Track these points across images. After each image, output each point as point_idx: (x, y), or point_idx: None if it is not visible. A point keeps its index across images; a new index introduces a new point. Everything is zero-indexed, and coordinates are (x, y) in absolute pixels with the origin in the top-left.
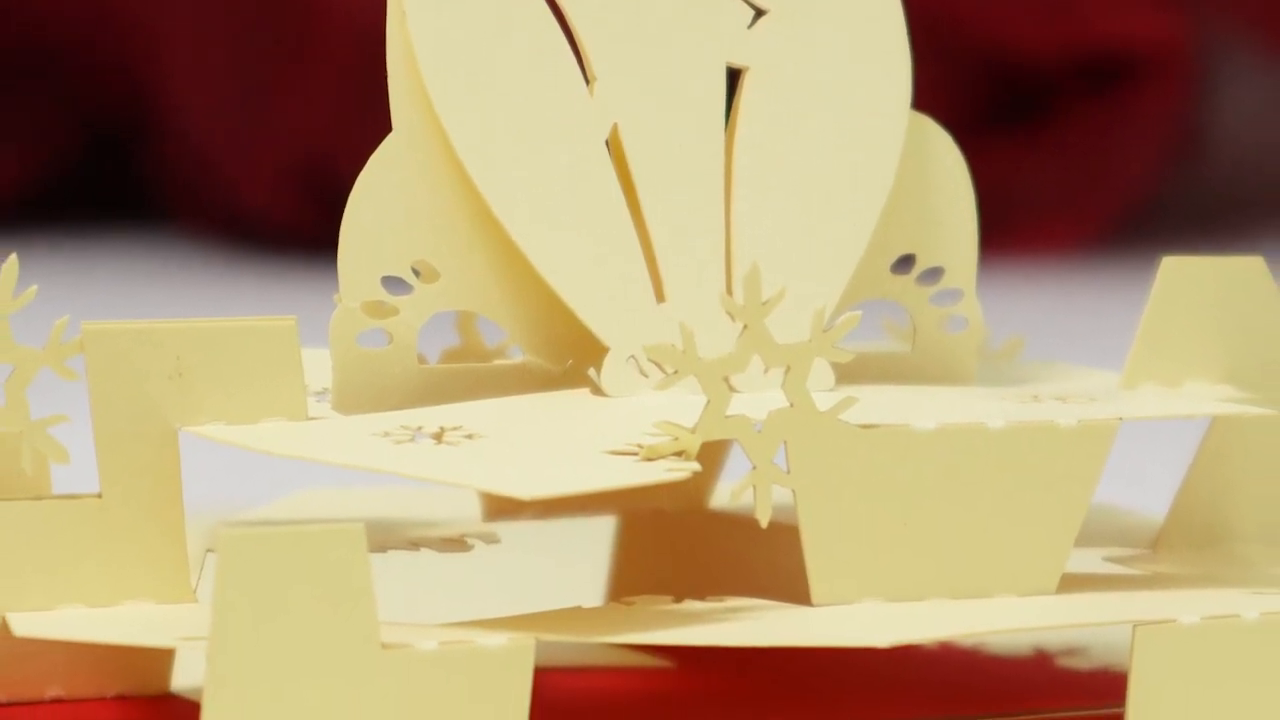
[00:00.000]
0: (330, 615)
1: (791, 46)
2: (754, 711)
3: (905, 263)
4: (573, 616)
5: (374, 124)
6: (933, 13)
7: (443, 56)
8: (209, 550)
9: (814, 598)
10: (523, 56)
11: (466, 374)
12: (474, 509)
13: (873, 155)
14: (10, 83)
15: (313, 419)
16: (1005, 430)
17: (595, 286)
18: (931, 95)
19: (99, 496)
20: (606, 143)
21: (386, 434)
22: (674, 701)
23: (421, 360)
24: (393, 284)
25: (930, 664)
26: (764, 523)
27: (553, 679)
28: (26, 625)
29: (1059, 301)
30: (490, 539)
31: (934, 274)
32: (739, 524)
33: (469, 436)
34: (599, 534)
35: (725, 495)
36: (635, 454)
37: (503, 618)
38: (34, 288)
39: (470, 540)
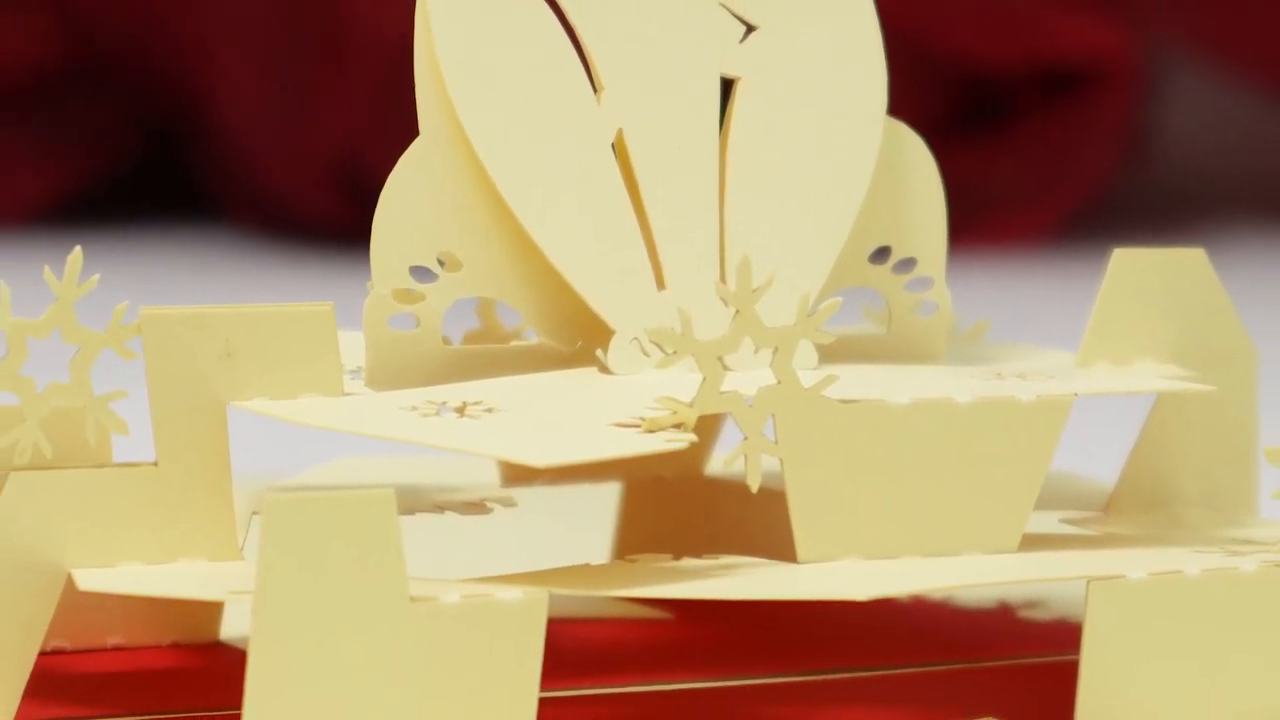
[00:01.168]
0: (363, 571)
1: (779, 59)
2: (745, 658)
3: (882, 253)
4: (582, 572)
5: (403, 128)
6: (906, 28)
7: (465, 67)
8: (254, 513)
9: (799, 555)
10: (537, 67)
11: (486, 354)
12: (493, 476)
13: (852, 156)
14: (75, 91)
15: (348, 395)
16: (971, 404)
17: (602, 275)
18: (905, 102)
19: (155, 465)
20: (612, 145)
21: (414, 408)
22: (673, 649)
23: (446, 342)
24: (420, 273)
25: (904, 615)
26: (754, 488)
27: (564, 629)
28: (90, 581)
29: (1020, 289)
30: (508, 503)
31: (907, 263)
32: (732, 489)
33: (488, 410)
34: (605, 498)
35: (719, 463)
36: (638, 426)
37: (518, 574)
38: (96, 276)
39: (489, 504)
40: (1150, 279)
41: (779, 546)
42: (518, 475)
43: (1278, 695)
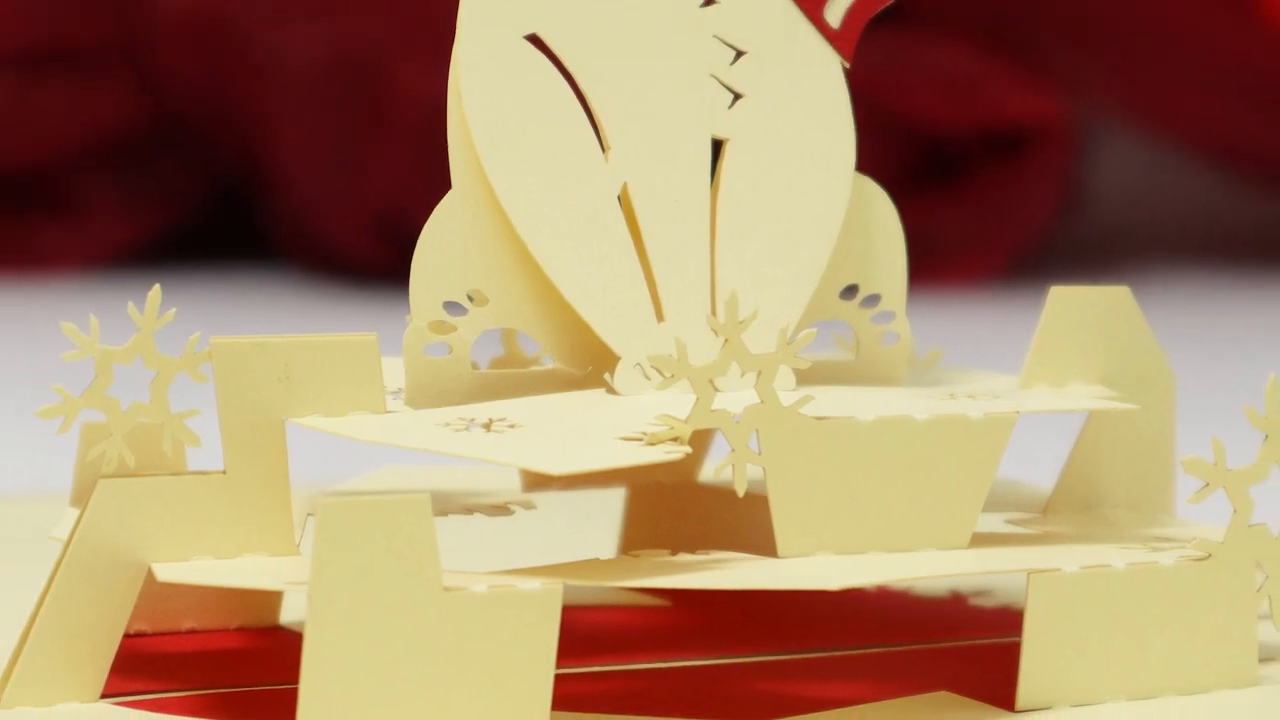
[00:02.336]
0: (403, 564)
1: (762, 123)
2: (733, 640)
3: (850, 290)
4: (592, 566)
5: (437, 182)
6: (873, 95)
7: (491, 130)
8: (309, 514)
9: (780, 551)
10: (553, 130)
11: (509, 377)
12: (515, 482)
13: (825, 207)
14: (156, 150)
15: (390, 413)
16: (928, 421)
17: (609, 309)
18: (871, 160)
19: (223, 473)
20: (618, 197)
21: (447, 424)
22: (671, 632)
23: (474, 367)
24: (452, 307)
25: (870, 603)
26: (741, 493)
27: (576, 615)
28: (167, 573)
29: (970, 321)
30: (528, 506)
31: (873, 299)
32: (722, 494)
33: (511, 426)
34: (612, 502)
35: (711, 471)
36: (640, 440)
37: (537, 567)
38: (173, 310)
39: (512, 507)
40: (1083, 312)
41: (762, 543)
42: (536, 482)
43: (1193, 672)
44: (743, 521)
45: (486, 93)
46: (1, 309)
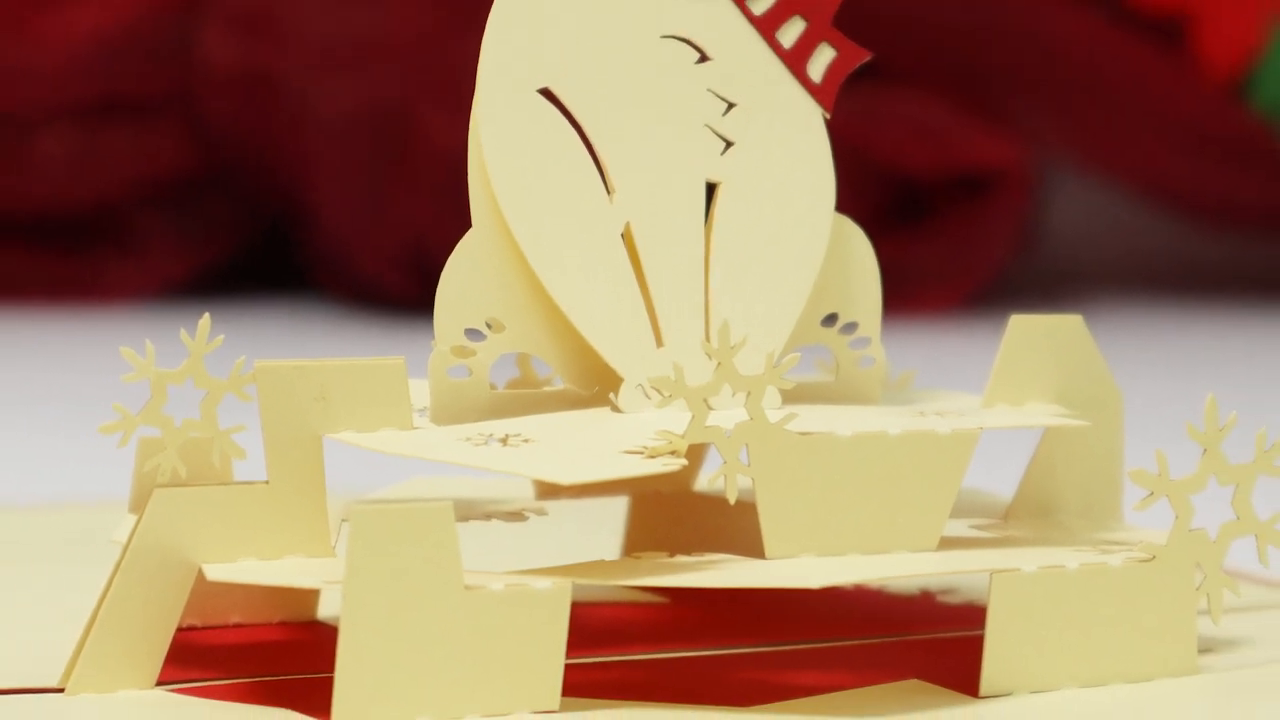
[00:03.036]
0: (428, 565)
1: (751, 168)
2: (725, 633)
3: (831, 319)
4: (598, 566)
5: (459, 221)
6: (849, 143)
7: (507, 174)
8: (344, 520)
9: (767, 553)
10: (563, 174)
11: (524, 397)
12: (529, 491)
13: (807, 243)
14: (205, 192)
15: (416, 429)
16: (900, 435)
17: (614, 335)
18: (848, 201)
19: (267, 483)
20: (622, 235)
21: (468, 439)
22: (669, 626)
23: (493, 387)
24: (472, 334)
25: (848, 599)
26: (732, 501)
27: (584, 610)
28: (216, 573)
29: (939, 347)
30: (540, 512)
31: (851, 326)
32: (715, 502)
33: (526, 441)
34: (616, 509)
35: (705, 481)
36: (642, 453)
37: (548, 567)
38: (221, 337)
39: (526, 513)
40: (1039, 339)
41: (751, 546)
42: (548, 491)
43: (1139, 662)
44: (734, 526)
45: (503, 141)
46: (68, 335)
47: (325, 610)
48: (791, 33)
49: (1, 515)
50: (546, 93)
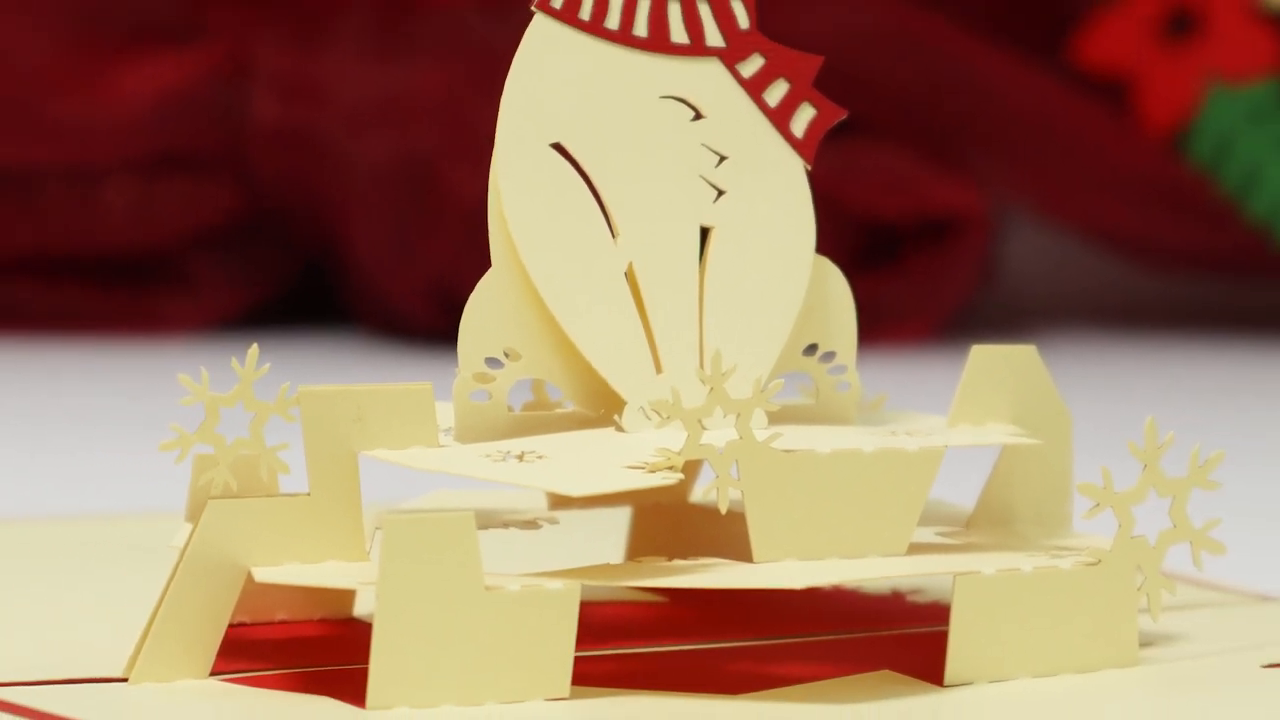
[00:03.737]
0: (452, 568)
1: (741, 214)
2: (717, 629)
3: (811, 348)
4: (604, 569)
5: (480, 261)
6: (828, 192)
7: (523, 220)
8: (377, 528)
9: (755, 558)
10: (573, 220)
11: (538, 418)
12: (542, 502)
13: (790, 281)
14: (254, 235)
15: (442, 446)
16: (874, 452)
17: (618, 363)
18: (827, 244)
19: (309, 495)
20: (625, 274)
21: (488, 456)
22: (667, 622)
23: (510, 409)
24: (491, 362)
25: (827, 598)
26: (724, 511)
27: (591, 608)
28: (264, 575)
29: (908, 373)
30: (552, 521)
31: (829, 355)
32: (709, 511)
33: (539, 457)
34: (620, 518)
35: (700, 493)
36: (643, 468)
37: (559, 570)
38: (267, 365)
39: (540, 522)
40: (997, 366)
41: (741, 551)
42: (559, 502)
43: (1087, 655)
44: (725, 534)
45: (519, 190)
46: (130, 364)
47: (360, 608)
48: (776, 93)
49: (72, 523)
50: (558, 147)
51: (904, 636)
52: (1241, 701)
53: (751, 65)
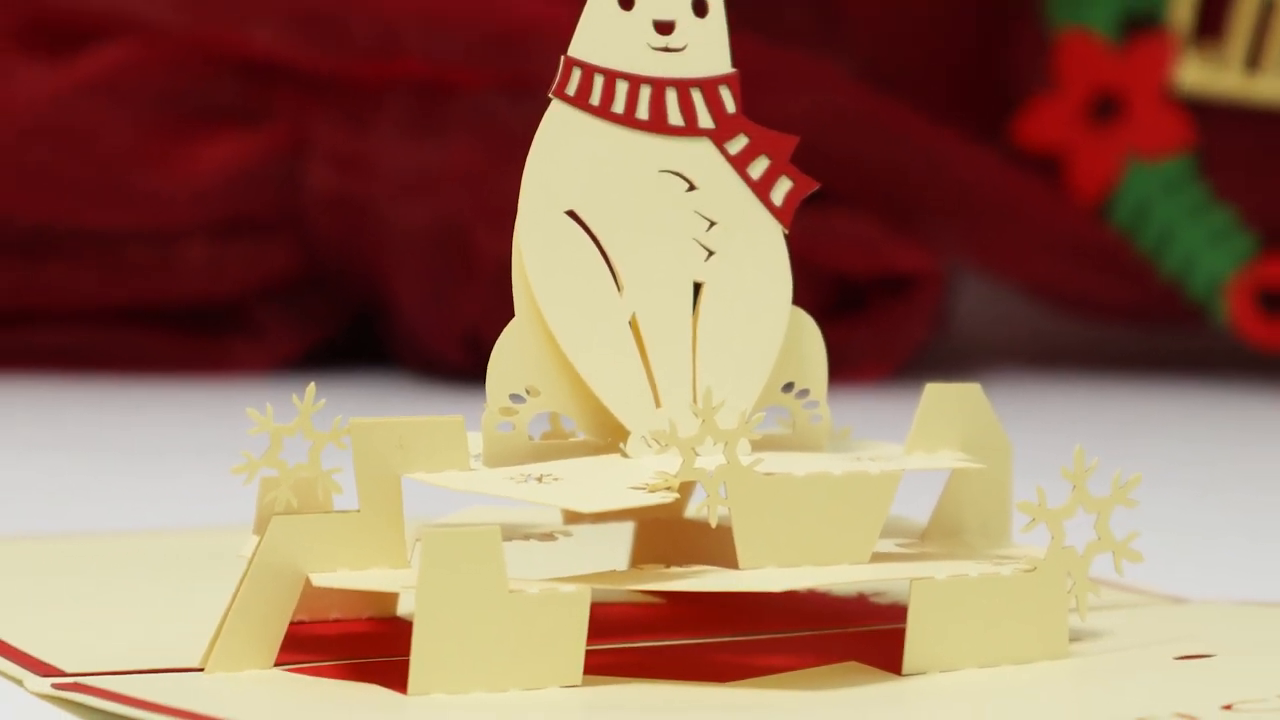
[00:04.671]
0: (481, 573)
1: (728, 272)
2: (707, 626)
3: (788, 386)
4: (610, 575)
5: (505, 312)
6: (802, 253)
7: (542, 276)
8: (417, 540)
9: (741, 565)
10: (584, 277)
11: (555, 446)
12: (557, 518)
13: (770, 328)
14: (309, 286)
15: (472, 470)
16: (842, 475)
17: (623, 399)
18: (802, 296)
19: (358, 512)
20: (629, 323)
21: (512, 478)
22: (664, 620)
23: (530, 439)
24: (515, 398)
25: (802, 600)
26: (714, 525)
27: (599, 609)
28: (321, 579)
29: (871, 408)
30: (566, 534)
31: (804, 393)
32: (701, 525)
33: (556, 479)
34: (624, 531)
35: (693, 510)
36: (644, 489)
37: (572, 576)
38: (323, 400)
39: (556, 535)
40: (948, 402)
41: (728, 559)
42: (572, 518)
43: (1024, 648)
44: (715, 545)
45: (538, 250)
46: (205, 401)
47: (403, 608)
48: (758, 168)
49: (157, 536)
50: (572, 214)
51: (868, 633)
52: (1156, 688)
53: (737, 144)
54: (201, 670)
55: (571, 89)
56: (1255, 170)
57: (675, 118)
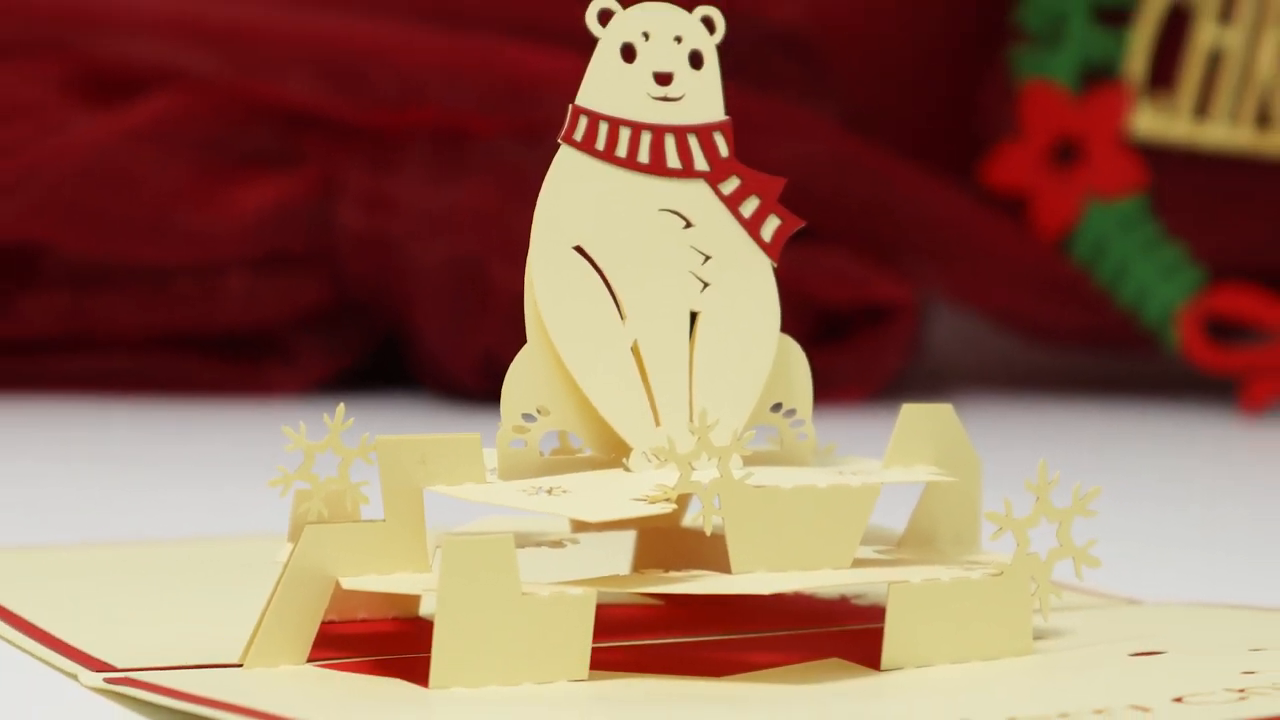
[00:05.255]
0: (495, 578)
1: (722, 302)
2: (702, 625)
3: (777, 407)
4: (614, 579)
5: (518, 339)
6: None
7: (552, 306)
8: (437, 546)
9: (733, 570)
10: (590, 307)
11: (563, 461)
12: (565, 527)
13: (760, 354)
14: (341, 317)
15: (488, 483)
16: (826, 488)
17: (626, 418)
18: (789, 325)
19: (384, 521)
20: (631, 349)
21: (524, 490)
22: (663, 620)
23: (541, 454)
24: (527, 417)
25: (788, 601)
26: (709, 533)
27: (604, 610)
28: (349, 583)
29: (853, 427)
30: (574, 541)
31: (791, 412)
32: (697, 533)
33: (564, 491)
34: (627, 539)
35: (690, 520)
36: (645, 500)
37: (579, 579)
38: (351, 420)
39: (565, 542)
40: (922, 421)
41: (722, 565)
42: (580, 527)
43: (991, 645)
44: (710, 551)
45: (549, 282)
46: (244, 420)
47: (424, 609)
48: (749, 207)
49: (201, 544)
50: (579, 249)
51: (849, 632)
52: (1113, 682)
53: (730, 185)
54: (241, 666)
55: (579, 135)
56: (1203, 210)
57: (673, 161)
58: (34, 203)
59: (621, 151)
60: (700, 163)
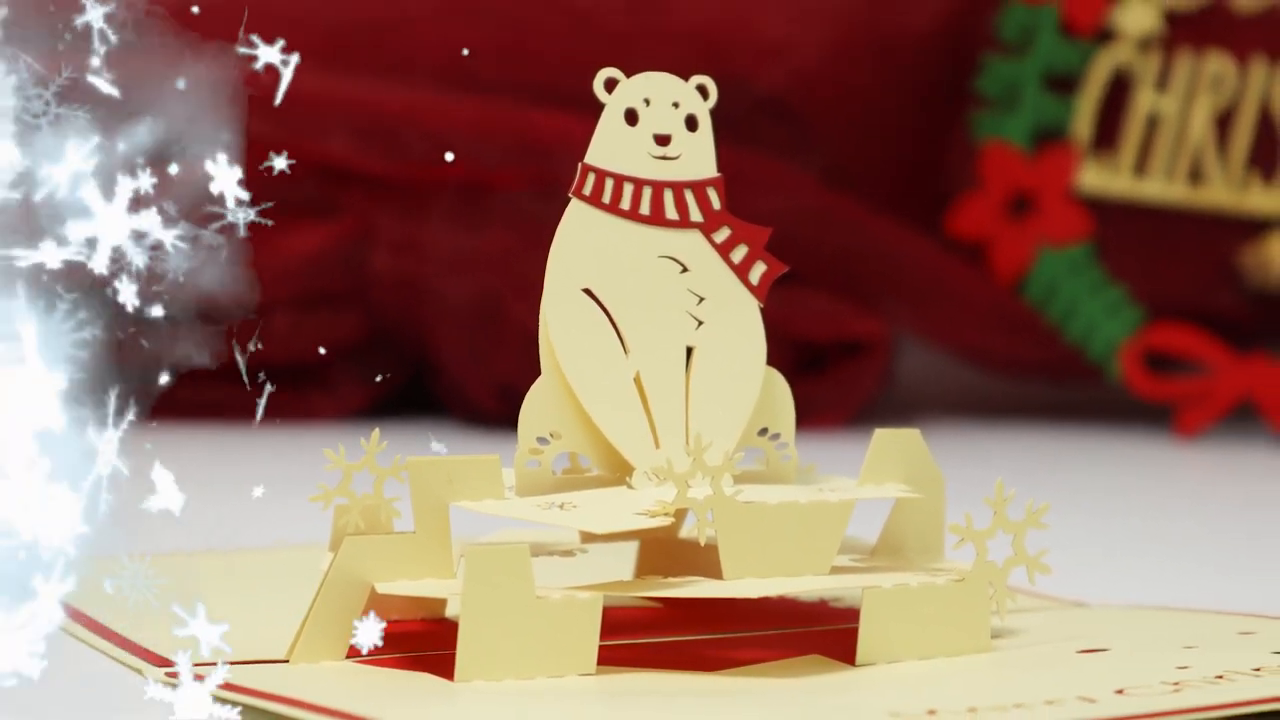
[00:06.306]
0: (513, 583)
1: (715, 338)
2: (697, 625)
3: (764, 431)
4: (619, 584)
5: (534, 371)
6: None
7: (564, 342)
8: (461, 555)
9: (724, 576)
10: (597, 342)
11: (573, 479)
12: (575, 538)
13: (748, 385)
14: (374, 351)
15: (506, 499)
16: (808, 503)
17: (630, 441)
18: (774, 358)
19: (414, 533)
20: (634, 380)
21: (538, 505)
22: (662, 620)
23: (554, 474)
24: (541, 441)
25: (773, 604)
26: (703, 544)
27: (609, 611)
28: (384, 588)
29: (831, 449)
30: (583, 551)
31: (776, 436)
32: (692, 544)
33: (575, 506)
34: (630, 549)
35: (686, 531)
36: (647, 514)
37: (587, 584)
38: (385, 443)
39: (575, 551)
40: (893, 444)
41: (714, 571)
42: (588, 538)
43: (953, 643)
44: (704, 560)
45: (561, 321)
46: (289, 445)
47: (450, 611)
48: (739, 254)
49: (250, 554)
50: (587, 291)
51: (828, 631)
52: (1062, 676)
53: (722, 234)
54: (287, 661)
55: (588, 189)
56: (1143, 256)
57: (671, 213)
58: None
59: (625, 204)
60: (695, 214)
